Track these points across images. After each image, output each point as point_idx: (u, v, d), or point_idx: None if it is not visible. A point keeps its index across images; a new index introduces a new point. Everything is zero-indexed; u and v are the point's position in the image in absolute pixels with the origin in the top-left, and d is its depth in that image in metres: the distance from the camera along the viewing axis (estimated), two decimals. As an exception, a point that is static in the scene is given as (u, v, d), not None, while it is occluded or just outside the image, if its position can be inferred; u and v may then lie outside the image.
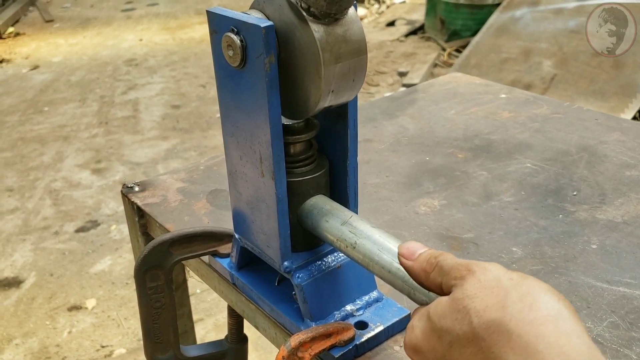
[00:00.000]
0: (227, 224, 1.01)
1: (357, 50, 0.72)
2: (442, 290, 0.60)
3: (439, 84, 1.78)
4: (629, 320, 0.86)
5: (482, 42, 4.97)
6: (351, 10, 0.71)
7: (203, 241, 0.96)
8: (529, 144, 1.38)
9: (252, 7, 0.74)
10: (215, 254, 0.97)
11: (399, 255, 0.65)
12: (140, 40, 6.82)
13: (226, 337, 1.09)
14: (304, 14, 0.68)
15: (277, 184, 0.76)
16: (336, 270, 0.84)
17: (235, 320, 1.06)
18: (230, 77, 0.76)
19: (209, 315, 2.69)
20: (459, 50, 5.56)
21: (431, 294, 0.63)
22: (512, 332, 0.52)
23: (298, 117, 0.77)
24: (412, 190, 1.22)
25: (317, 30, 0.68)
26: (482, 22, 5.26)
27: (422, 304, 0.64)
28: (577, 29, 4.45)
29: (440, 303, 0.58)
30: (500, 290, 0.55)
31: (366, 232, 0.73)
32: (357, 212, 0.87)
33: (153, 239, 1.08)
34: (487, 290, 0.55)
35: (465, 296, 0.56)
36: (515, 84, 4.25)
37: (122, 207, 1.30)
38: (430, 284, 0.62)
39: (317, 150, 0.83)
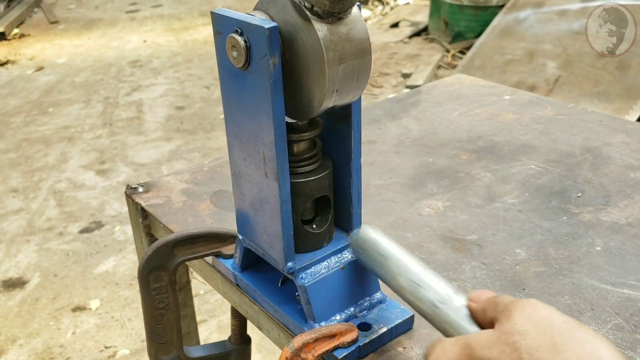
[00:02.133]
0: (230, 225, 1.01)
1: (361, 50, 0.72)
2: (494, 326, 0.60)
3: (443, 86, 1.78)
4: (634, 323, 0.86)
5: (486, 43, 4.96)
6: (355, 9, 0.71)
7: (206, 242, 0.96)
8: (533, 146, 1.38)
9: (255, 8, 0.74)
10: (218, 255, 0.97)
11: (469, 299, 0.66)
12: (145, 41, 6.84)
13: (229, 338, 1.09)
14: (308, 13, 0.68)
15: (280, 185, 0.76)
16: (339, 272, 0.83)
17: (239, 321, 1.06)
18: (234, 78, 0.76)
19: (212, 316, 2.70)
20: (462, 52, 5.55)
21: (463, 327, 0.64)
22: None
23: (302, 117, 0.77)
24: (416, 191, 1.22)
25: (320, 29, 0.68)
26: (486, 24, 5.25)
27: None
28: (581, 31, 4.45)
29: (486, 333, 0.58)
30: (554, 331, 0.53)
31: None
32: (360, 214, 0.87)
33: (157, 239, 1.08)
34: (539, 329, 0.54)
35: (515, 331, 0.55)
36: (519, 86, 4.25)
37: (126, 208, 1.30)
38: (485, 319, 0.62)
39: (321, 152, 0.83)
